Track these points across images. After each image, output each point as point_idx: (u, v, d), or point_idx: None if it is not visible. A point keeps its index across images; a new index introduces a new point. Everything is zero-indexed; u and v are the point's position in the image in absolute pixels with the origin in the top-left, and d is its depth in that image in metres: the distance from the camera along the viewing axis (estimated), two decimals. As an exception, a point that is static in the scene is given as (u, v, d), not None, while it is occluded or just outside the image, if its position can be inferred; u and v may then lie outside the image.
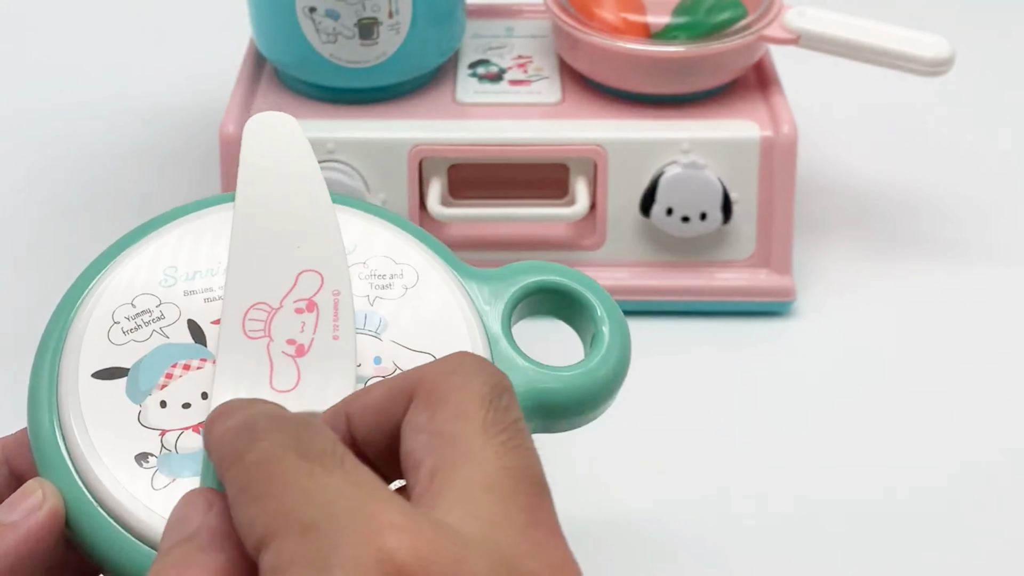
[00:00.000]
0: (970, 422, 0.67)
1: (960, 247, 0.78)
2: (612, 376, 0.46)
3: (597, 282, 0.48)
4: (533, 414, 0.45)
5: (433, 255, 0.47)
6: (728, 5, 0.72)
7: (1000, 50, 0.97)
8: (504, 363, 0.45)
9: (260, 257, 0.44)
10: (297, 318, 0.43)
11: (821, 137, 0.87)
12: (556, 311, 0.48)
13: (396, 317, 0.45)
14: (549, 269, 0.48)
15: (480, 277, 0.48)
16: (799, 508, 0.62)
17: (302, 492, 0.35)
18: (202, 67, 0.93)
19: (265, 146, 0.48)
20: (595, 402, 0.46)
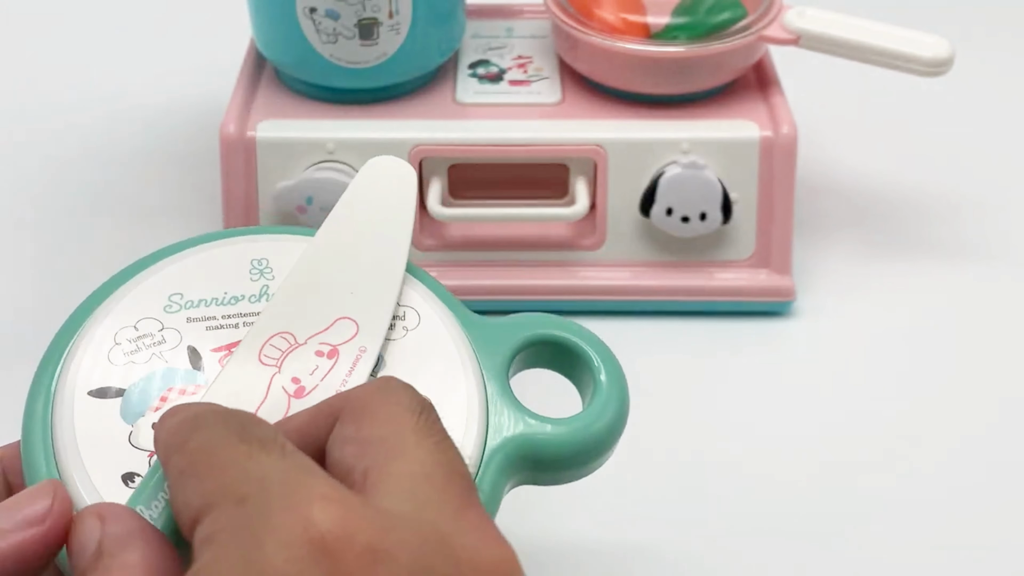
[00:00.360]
0: (970, 422, 0.67)
1: (960, 247, 0.78)
2: (608, 430, 0.46)
3: (596, 335, 0.48)
4: (527, 465, 0.45)
5: (438, 301, 0.47)
6: (728, 5, 0.72)
7: (1000, 50, 0.97)
8: (499, 411, 0.45)
9: (312, 289, 0.45)
10: (314, 359, 0.43)
11: (821, 137, 0.87)
12: (555, 364, 0.48)
13: (394, 358, 0.45)
14: (551, 323, 0.48)
15: (482, 326, 0.48)
16: (799, 508, 0.62)
17: (240, 469, 0.36)
18: (202, 67, 0.93)
19: (375, 187, 0.49)
20: (590, 456, 0.46)
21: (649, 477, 0.64)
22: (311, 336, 0.44)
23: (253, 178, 0.71)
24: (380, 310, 0.45)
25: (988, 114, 0.90)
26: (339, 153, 0.71)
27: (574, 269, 0.73)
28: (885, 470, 0.64)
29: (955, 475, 0.64)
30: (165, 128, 0.89)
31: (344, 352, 0.43)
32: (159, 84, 0.93)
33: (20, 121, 0.91)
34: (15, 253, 0.78)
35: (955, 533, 0.61)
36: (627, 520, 0.61)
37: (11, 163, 0.86)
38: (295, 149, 0.71)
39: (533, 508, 0.62)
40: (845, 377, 0.69)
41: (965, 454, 0.65)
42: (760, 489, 0.63)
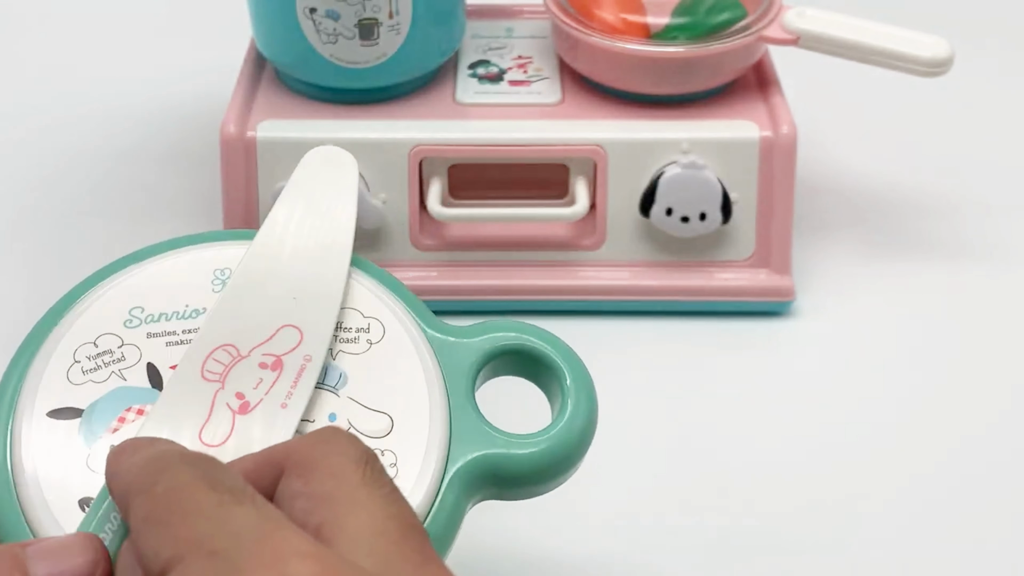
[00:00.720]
0: (970, 422, 0.67)
1: (960, 247, 0.78)
2: (574, 447, 0.45)
3: (567, 345, 0.47)
4: (491, 482, 0.44)
5: (405, 309, 0.46)
6: (728, 6, 0.72)
7: (999, 50, 0.97)
8: (463, 427, 0.44)
9: (253, 297, 0.44)
10: (258, 372, 0.42)
11: (820, 137, 0.87)
12: (525, 372, 0.47)
13: (357, 373, 0.43)
14: (520, 329, 0.47)
15: (450, 334, 0.46)
16: (799, 507, 0.62)
17: (211, 520, 0.35)
18: (202, 68, 0.93)
19: (314, 181, 0.47)
20: (555, 473, 0.45)
21: (648, 476, 0.64)
22: (254, 347, 0.42)
23: (253, 178, 0.71)
24: (324, 315, 0.44)
25: (988, 114, 0.90)
26: (339, 153, 0.71)
27: (574, 269, 0.73)
28: (885, 470, 0.64)
29: (955, 475, 0.64)
30: (165, 128, 0.89)
31: (288, 363, 0.42)
32: (159, 84, 0.94)
33: (20, 121, 0.91)
34: (15, 253, 0.78)
35: (955, 533, 0.61)
36: (627, 520, 0.61)
37: (11, 162, 0.86)
38: (295, 149, 0.70)
39: (532, 507, 0.62)
40: (845, 377, 0.69)
41: (965, 454, 0.65)
42: (760, 489, 0.63)
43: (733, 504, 0.62)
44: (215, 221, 0.76)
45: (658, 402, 0.68)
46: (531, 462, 0.44)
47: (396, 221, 0.72)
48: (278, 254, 0.45)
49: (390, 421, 0.43)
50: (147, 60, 0.97)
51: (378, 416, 0.43)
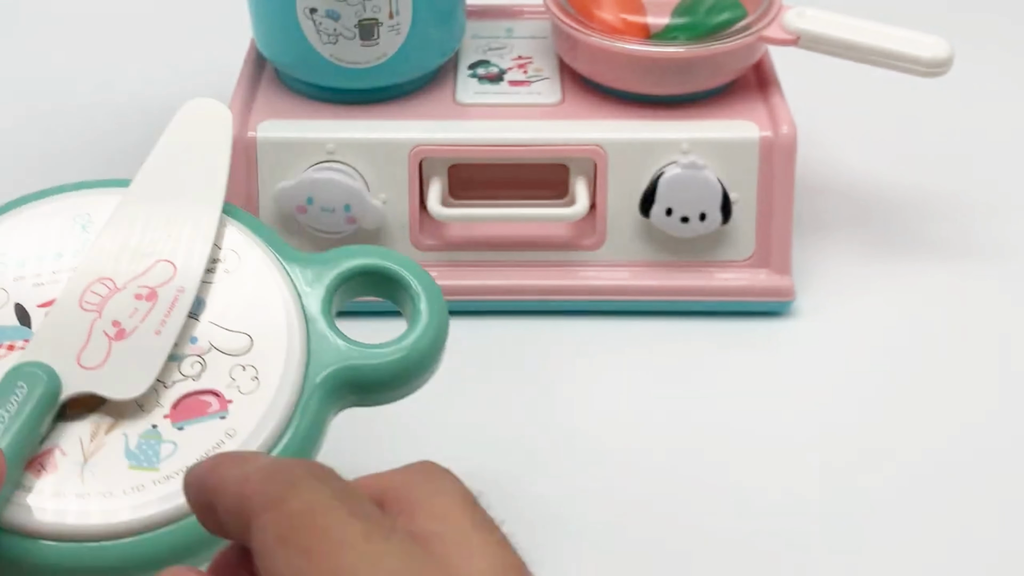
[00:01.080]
0: (970, 421, 0.67)
1: (959, 247, 0.78)
2: (426, 353, 0.48)
3: (417, 264, 0.50)
4: (351, 390, 0.48)
5: (257, 240, 0.49)
6: (727, 6, 0.72)
7: (999, 51, 0.97)
8: (321, 341, 0.47)
9: (129, 235, 0.47)
10: (133, 303, 0.45)
11: (820, 137, 0.87)
12: (379, 291, 0.50)
13: (215, 298, 0.47)
14: (370, 252, 0.50)
15: (303, 261, 0.49)
16: (798, 506, 0.62)
17: (362, 556, 0.34)
18: (203, 68, 0.93)
19: (190, 131, 0.51)
20: (410, 378, 0.49)
21: (648, 476, 0.64)
22: (130, 280, 0.46)
23: (254, 178, 0.71)
24: (196, 251, 0.47)
25: (987, 114, 0.90)
26: (339, 153, 0.71)
27: (574, 269, 0.73)
28: (885, 469, 0.64)
29: (955, 474, 0.64)
30: (166, 128, 0.89)
31: (162, 294, 0.46)
32: (160, 84, 0.94)
33: (21, 120, 0.91)
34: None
35: (955, 532, 0.61)
36: (626, 518, 0.62)
37: (12, 163, 0.86)
38: (295, 149, 0.71)
39: (530, 504, 0.62)
40: (844, 376, 0.70)
41: (965, 453, 0.65)
42: (759, 488, 0.63)
43: (733, 503, 0.62)
44: (215, 221, 0.76)
45: (658, 402, 0.68)
46: (387, 370, 0.48)
47: (396, 221, 0.72)
48: (154, 196, 0.49)
49: (249, 340, 0.46)
50: (148, 60, 0.97)
51: (237, 336, 0.47)
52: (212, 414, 0.45)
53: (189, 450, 0.44)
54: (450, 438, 0.66)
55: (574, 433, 0.66)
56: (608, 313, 0.73)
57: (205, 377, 0.46)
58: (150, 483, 0.43)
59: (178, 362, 0.46)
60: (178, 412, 0.45)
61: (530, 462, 0.64)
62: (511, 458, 0.65)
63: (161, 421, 0.44)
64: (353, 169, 0.70)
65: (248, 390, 0.45)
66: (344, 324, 0.51)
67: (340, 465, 0.65)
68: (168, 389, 0.45)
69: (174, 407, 0.45)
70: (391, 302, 0.51)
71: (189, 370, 0.46)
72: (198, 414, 0.45)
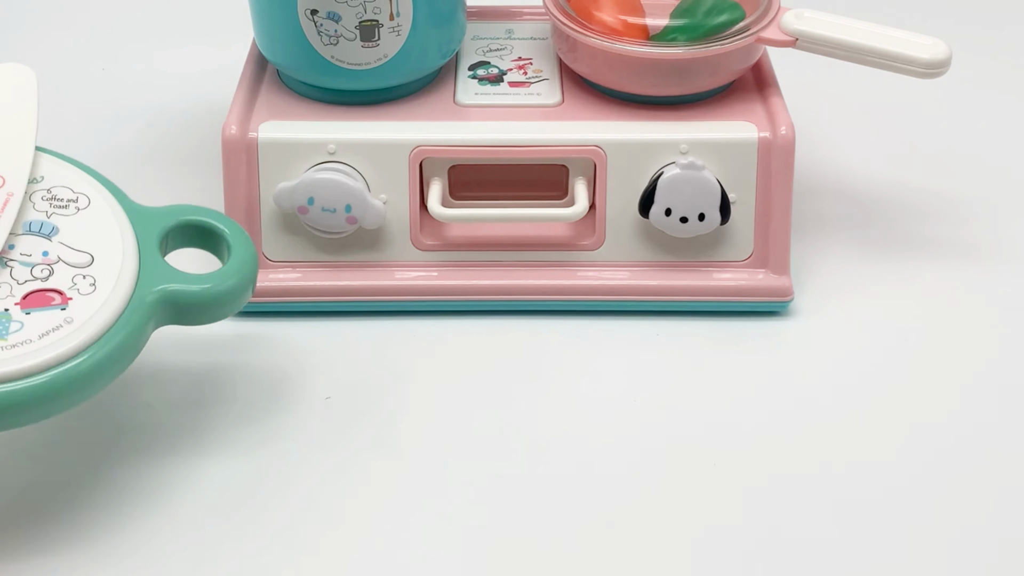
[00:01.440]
0: (969, 421, 0.67)
1: (957, 247, 0.78)
2: (233, 288, 0.62)
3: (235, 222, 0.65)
4: (170, 308, 0.60)
5: (109, 192, 0.63)
6: (726, 7, 0.73)
7: (997, 51, 0.97)
8: (151, 268, 0.61)
9: None
10: None
11: (819, 138, 0.87)
12: (201, 243, 0.64)
13: (66, 227, 0.61)
14: (199, 211, 0.64)
15: (145, 210, 0.63)
16: (797, 506, 0.62)
17: None
18: (204, 69, 0.94)
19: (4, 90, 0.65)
20: (219, 305, 0.62)
21: (647, 475, 0.64)
22: None
23: (255, 179, 0.71)
24: (20, 167, 0.62)
25: (985, 115, 0.91)
26: (340, 154, 0.71)
27: (574, 269, 0.73)
28: (883, 469, 0.64)
29: (954, 473, 0.64)
30: (167, 129, 0.89)
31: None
32: (161, 85, 0.94)
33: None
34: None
35: (955, 531, 0.61)
36: (625, 518, 0.62)
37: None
38: (296, 150, 0.71)
39: (530, 503, 0.62)
40: (843, 376, 0.70)
41: (964, 452, 0.65)
42: (758, 487, 0.63)
43: (732, 503, 0.62)
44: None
45: (657, 401, 0.68)
46: (199, 296, 0.61)
47: (397, 221, 0.72)
48: None
49: (91, 257, 0.60)
50: (149, 62, 0.97)
51: (82, 254, 0.60)
52: (54, 305, 0.58)
53: (33, 329, 0.57)
54: (450, 437, 0.66)
55: (574, 432, 0.66)
56: (607, 313, 0.73)
57: (52, 280, 0.59)
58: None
59: (30, 267, 0.59)
60: (27, 302, 0.58)
61: (530, 461, 0.65)
62: (511, 457, 0.65)
63: (12, 307, 0.57)
64: (354, 169, 0.71)
65: (86, 292, 0.58)
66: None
67: (342, 464, 0.66)
68: (20, 285, 0.58)
69: (24, 298, 0.58)
70: (213, 254, 0.65)
71: (39, 274, 0.59)
72: (43, 304, 0.58)
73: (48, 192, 0.62)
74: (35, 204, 0.62)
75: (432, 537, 0.61)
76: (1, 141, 0.63)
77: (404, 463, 0.65)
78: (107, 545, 0.60)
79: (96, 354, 0.57)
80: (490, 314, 0.73)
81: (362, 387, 0.69)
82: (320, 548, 0.60)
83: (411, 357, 0.71)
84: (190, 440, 0.66)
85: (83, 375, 0.56)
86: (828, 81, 0.90)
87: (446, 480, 0.63)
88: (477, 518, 0.62)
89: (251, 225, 0.72)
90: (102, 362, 0.57)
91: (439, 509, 0.62)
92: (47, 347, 0.56)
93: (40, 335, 0.56)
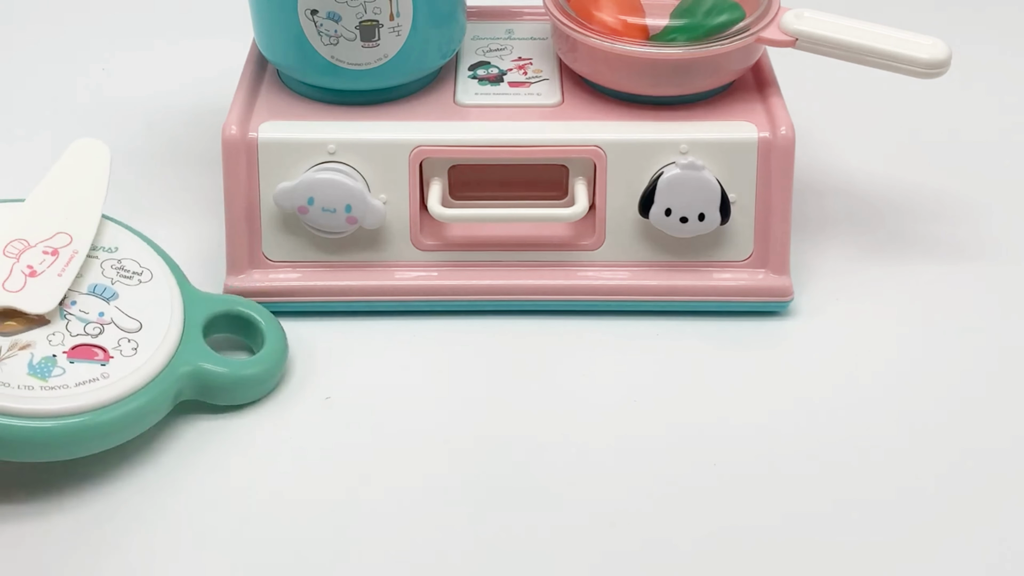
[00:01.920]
0: (968, 421, 0.67)
1: (956, 247, 0.78)
2: (259, 378, 0.67)
3: (270, 313, 0.70)
4: (196, 386, 0.66)
5: (171, 272, 0.69)
6: (726, 8, 0.73)
7: (997, 51, 0.97)
8: (189, 345, 0.66)
9: (40, 214, 0.68)
10: (42, 256, 0.66)
11: (819, 138, 0.87)
12: (242, 332, 0.70)
13: (126, 295, 0.67)
14: (242, 303, 0.70)
15: (198, 294, 0.69)
16: (797, 506, 0.62)
17: None
18: (204, 69, 0.94)
19: (79, 161, 0.72)
20: (242, 388, 0.67)
21: (647, 475, 0.64)
22: (39, 242, 0.67)
23: (255, 179, 0.71)
24: (86, 230, 0.68)
25: (985, 115, 0.91)
26: (340, 154, 0.71)
27: (574, 269, 0.73)
28: (883, 469, 0.64)
29: (954, 474, 0.64)
30: (168, 129, 0.89)
31: (62, 252, 0.67)
32: (161, 86, 0.94)
33: (22, 122, 0.91)
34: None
35: (955, 531, 0.61)
36: (625, 517, 0.62)
37: (13, 164, 0.86)
38: (296, 150, 0.71)
39: (530, 503, 0.62)
40: (842, 375, 0.70)
41: (964, 453, 0.65)
42: (758, 487, 0.63)
43: (732, 502, 0.63)
44: (217, 221, 0.77)
45: (657, 401, 0.68)
46: (227, 379, 0.66)
47: (397, 221, 0.72)
48: (55, 195, 0.70)
49: (140, 325, 0.66)
50: (149, 62, 0.97)
51: (133, 321, 0.66)
52: (96, 360, 0.64)
53: (72, 376, 0.63)
54: (450, 437, 0.66)
55: (573, 432, 0.66)
56: (607, 313, 0.73)
57: (100, 338, 0.65)
58: (37, 387, 0.62)
59: (85, 324, 0.65)
60: (73, 353, 0.64)
61: (530, 461, 0.65)
62: (511, 457, 0.65)
63: (60, 355, 0.63)
64: (354, 170, 0.71)
65: (127, 355, 0.64)
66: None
67: (341, 463, 0.66)
68: (72, 337, 0.64)
69: (72, 349, 0.64)
70: (251, 343, 0.70)
71: (91, 331, 0.65)
72: (87, 357, 0.64)
73: (118, 262, 0.68)
74: (104, 270, 0.68)
75: (432, 537, 0.61)
76: (73, 205, 0.69)
77: (404, 463, 0.65)
78: (107, 546, 0.60)
79: (120, 410, 0.62)
80: (490, 314, 0.73)
81: (362, 387, 0.69)
82: (320, 550, 0.60)
83: (411, 357, 0.71)
84: (190, 439, 0.66)
85: (105, 425, 0.62)
86: (828, 81, 0.90)
87: (446, 480, 0.63)
88: (477, 518, 0.62)
89: (251, 225, 0.72)
90: (123, 418, 0.63)
91: (439, 509, 0.62)
92: (79, 395, 0.62)
93: (76, 383, 0.62)
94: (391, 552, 0.60)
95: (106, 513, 0.62)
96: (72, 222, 0.69)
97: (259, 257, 0.73)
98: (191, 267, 0.74)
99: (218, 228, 0.76)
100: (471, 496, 0.63)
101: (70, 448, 0.62)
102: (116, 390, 0.63)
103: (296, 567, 0.59)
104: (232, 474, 0.64)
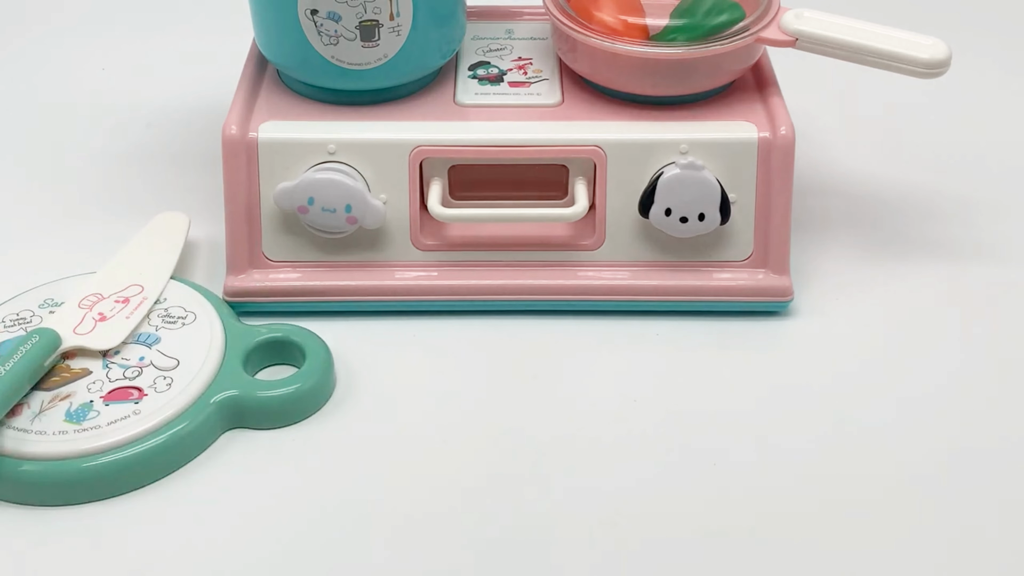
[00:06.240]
0: (968, 421, 0.67)
1: (957, 246, 0.78)
2: (300, 401, 0.67)
3: (315, 333, 0.69)
4: (239, 411, 0.66)
5: (214, 309, 0.70)
6: (726, 7, 0.73)
7: (997, 51, 0.97)
8: (227, 375, 0.67)
9: (118, 271, 0.72)
10: (114, 304, 0.70)
11: (818, 138, 0.87)
12: (283, 357, 0.69)
13: (168, 338, 0.69)
14: (287, 330, 0.70)
15: (240, 327, 0.70)
16: (797, 506, 0.62)
17: None
18: (204, 69, 0.94)
19: (161, 227, 0.76)
20: (284, 414, 0.66)
21: (647, 474, 0.64)
22: (112, 293, 0.71)
23: (255, 179, 0.71)
24: (156, 283, 0.72)
25: (985, 115, 0.91)
26: (340, 154, 0.71)
27: (574, 269, 0.73)
28: (883, 468, 0.64)
29: (954, 474, 0.64)
30: (168, 129, 0.90)
31: (132, 300, 0.70)
32: (161, 86, 0.94)
33: (23, 122, 0.91)
34: (17, 253, 0.78)
35: (956, 531, 0.61)
36: (625, 517, 0.62)
37: (14, 164, 0.87)
38: (297, 150, 0.71)
39: (530, 503, 0.62)
40: (842, 376, 0.70)
41: (964, 453, 0.65)
42: (758, 487, 0.63)
43: (732, 502, 0.63)
44: (217, 221, 0.77)
45: (657, 401, 0.68)
46: (268, 404, 0.66)
47: (397, 221, 0.72)
48: (132, 254, 0.74)
49: (177, 363, 0.67)
50: (150, 62, 0.97)
51: (171, 360, 0.67)
52: (130, 400, 0.65)
53: (105, 417, 0.64)
54: (450, 437, 0.66)
55: (573, 432, 0.66)
56: (607, 313, 0.73)
57: (137, 380, 0.66)
58: (71, 431, 0.63)
59: (124, 369, 0.66)
60: (110, 396, 0.65)
61: (530, 461, 0.65)
62: (511, 457, 0.65)
63: (97, 400, 0.65)
64: (354, 170, 0.71)
65: (161, 391, 0.65)
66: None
67: (344, 462, 0.66)
68: (110, 383, 0.66)
69: (109, 393, 0.65)
70: (293, 365, 0.69)
71: (129, 375, 0.66)
72: (122, 398, 0.65)
73: (165, 311, 0.70)
74: (150, 319, 0.70)
75: (432, 537, 0.61)
76: (152, 263, 0.73)
77: (404, 463, 0.65)
78: (110, 542, 0.60)
79: (151, 442, 0.63)
80: (490, 314, 0.73)
81: (362, 387, 0.69)
82: (319, 550, 0.60)
83: (411, 357, 0.71)
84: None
85: (137, 459, 0.63)
86: (828, 81, 0.90)
87: (446, 480, 0.64)
88: (477, 518, 0.62)
89: (251, 225, 0.72)
90: (156, 450, 0.63)
91: (439, 509, 0.62)
92: (110, 432, 0.63)
93: (108, 423, 0.63)
94: (391, 552, 0.60)
95: (106, 514, 0.62)
96: (145, 276, 0.72)
97: (259, 257, 0.73)
98: (191, 267, 0.74)
99: (218, 228, 0.76)
100: (471, 496, 0.63)
101: (108, 486, 0.62)
102: (147, 424, 0.63)
103: (296, 567, 0.59)
104: (232, 474, 0.64)
